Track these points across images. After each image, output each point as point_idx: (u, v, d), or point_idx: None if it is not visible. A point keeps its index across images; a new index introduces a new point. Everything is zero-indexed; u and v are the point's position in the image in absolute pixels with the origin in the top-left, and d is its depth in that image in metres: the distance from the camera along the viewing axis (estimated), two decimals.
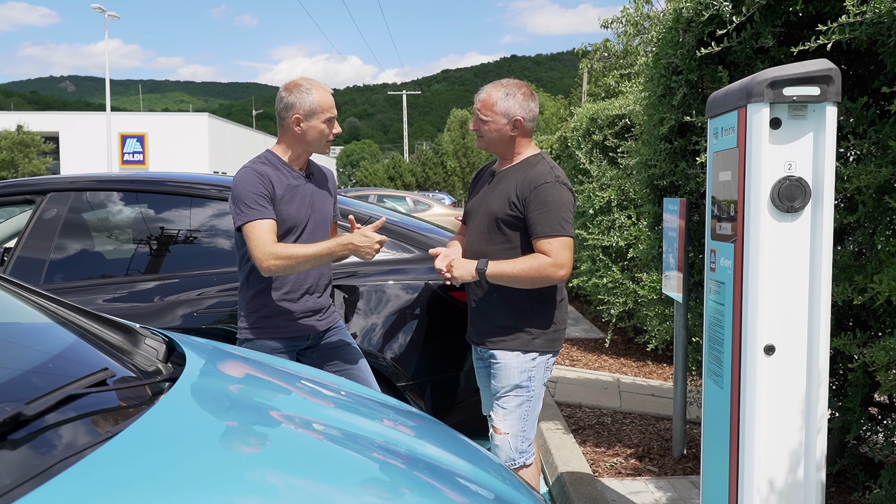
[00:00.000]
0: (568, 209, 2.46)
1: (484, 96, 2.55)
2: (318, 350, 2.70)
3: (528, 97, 2.53)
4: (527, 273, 2.42)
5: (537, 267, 2.41)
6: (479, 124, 2.57)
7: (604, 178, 5.91)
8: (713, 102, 2.24)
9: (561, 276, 2.43)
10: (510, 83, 2.55)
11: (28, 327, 1.61)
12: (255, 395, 1.59)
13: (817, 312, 1.96)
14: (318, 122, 2.54)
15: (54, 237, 3.25)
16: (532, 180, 2.46)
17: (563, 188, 2.46)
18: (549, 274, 2.41)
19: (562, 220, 2.43)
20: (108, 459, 1.04)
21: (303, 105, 2.52)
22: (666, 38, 3.10)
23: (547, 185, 2.44)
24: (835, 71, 1.90)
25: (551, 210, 2.42)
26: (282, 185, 2.53)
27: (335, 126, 2.61)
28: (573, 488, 3.21)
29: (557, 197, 2.44)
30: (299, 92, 2.53)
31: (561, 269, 2.41)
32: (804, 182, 1.94)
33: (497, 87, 2.54)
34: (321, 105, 2.53)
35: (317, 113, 2.53)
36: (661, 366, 5.72)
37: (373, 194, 17.23)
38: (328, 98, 2.57)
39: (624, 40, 13.16)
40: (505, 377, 2.54)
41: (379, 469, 1.37)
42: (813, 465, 1.98)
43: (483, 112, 2.54)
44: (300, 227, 2.57)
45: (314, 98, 2.53)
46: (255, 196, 2.45)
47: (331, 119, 2.58)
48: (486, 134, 2.56)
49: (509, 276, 2.44)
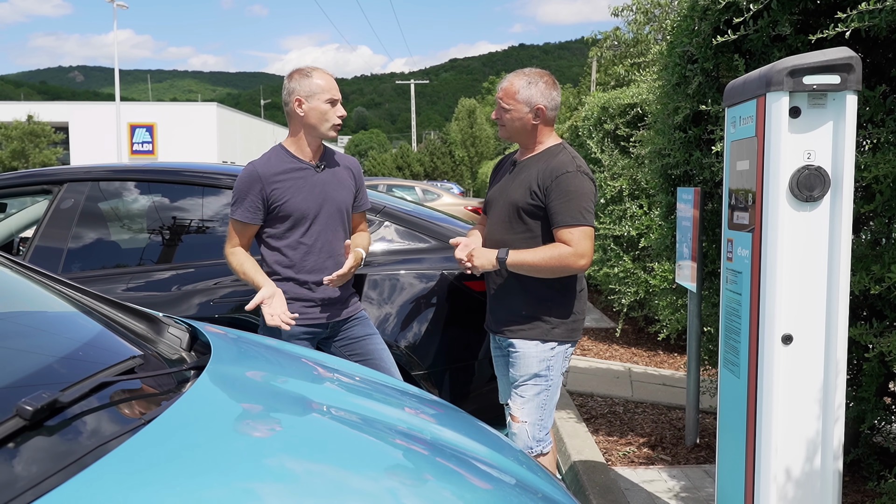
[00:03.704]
0: (589, 199, 2.46)
1: (506, 85, 2.54)
2: (339, 340, 2.72)
3: (550, 86, 2.53)
4: (547, 262, 2.42)
5: (558, 256, 2.41)
6: (500, 113, 2.56)
7: (615, 167, 5.89)
8: (731, 91, 2.23)
9: (581, 266, 2.42)
10: (532, 72, 2.55)
11: (54, 316, 1.63)
12: (278, 382, 1.61)
13: (835, 302, 1.96)
14: (319, 103, 2.56)
15: (71, 227, 3.28)
16: (553, 169, 2.46)
17: (584, 178, 2.46)
18: (570, 263, 2.41)
19: (583, 209, 2.43)
20: (142, 446, 1.06)
21: (303, 87, 2.57)
22: (681, 26, 3.09)
23: (569, 175, 2.44)
24: (855, 59, 1.89)
25: (572, 199, 2.42)
26: (287, 177, 2.58)
27: (339, 108, 2.61)
28: (586, 476, 3.23)
29: (579, 186, 2.43)
30: (300, 76, 2.58)
31: (582, 258, 2.41)
32: (823, 171, 1.93)
33: (519, 76, 2.54)
34: (321, 86, 2.56)
35: (317, 93, 2.56)
36: (672, 355, 5.72)
37: (382, 184, 17.22)
38: (328, 80, 2.58)
39: (634, 28, 13.09)
40: (524, 366, 2.56)
41: (401, 455, 1.38)
42: (830, 455, 1.99)
43: (505, 101, 2.53)
44: (309, 218, 2.59)
45: (314, 79, 2.56)
46: (244, 197, 2.59)
47: (332, 100, 2.58)
48: (507, 123, 2.56)
49: (530, 266, 2.45)
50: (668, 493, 3.09)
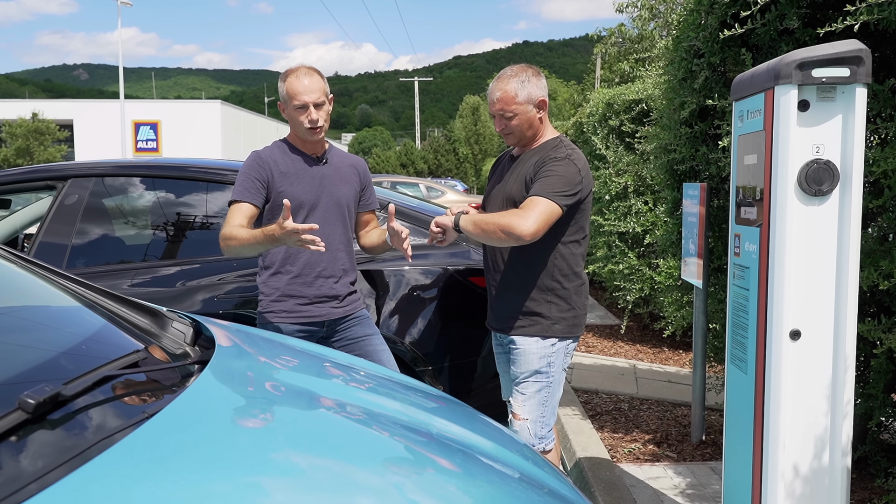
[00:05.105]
0: (565, 182, 2.40)
1: (500, 95, 2.50)
2: (337, 340, 2.68)
3: (538, 75, 2.54)
4: (493, 220, 2.39)
5: (504, 216, 2.38)
6: (504, 123, 2.53)
7: (620, 163, 5.87)
8: (739, 85, 2.21)
9: (522, 231, 2.31)
10: (516, 70, 2.53)
11: (57, 310, 1.62)
12: (282, 376, 1.60)
13: (844, 297, 1.94)
14: (291, 109, 2.56)
15: (76, 223, 3.27)
16: (545, 159, 2.47)
17: (570, 164, 2.44)
18: (513, 225, 2.32)
19: (553, 187, 2.39)
20: (145, 440, 1.05)
21: (280, 91, 2.59)
22: (688, 20, 3.07)
23: (556, 160, 2.44)
24: (865, 52, 1.87)
25: (548, 177, 2.41)
26: (287, 165, 2.58)
27: (310, 112, 2.52)
28: (592, 473, 3.21)
29: (559, 170, 2.42)
30: (281, 80, 2.60)
31: (525, 222, 2.31)
32: (832, 165, 1.91)
33: (509, 81, 2.50)
34: (290, 91, 2.54)
35: (287, 100, 2.57)
36: (677, 352, 5.70)
37: (386, 181, 17.21)
38: (297, 85, 2.52)
39: (639, 24, 13.05)
40: (524, 363, 2.54)
41: (406, 450, 1.38)
42: (839, 451, 1.97)
43: (507, 110, 2.50)
44: (305, 208, 2.58)
45: (285, 85, 2.57)
46: (245, 178, 2.55)
47: (299, 105, 2.52)
48: (515, 130, 2.53)
49: (476, 222, 2.43)
50: (673, 490, 3.08)
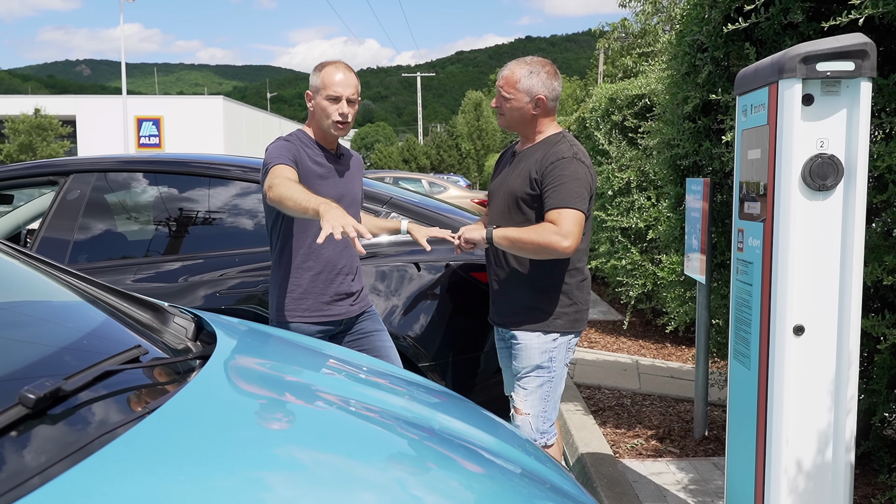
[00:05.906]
0: (581, 185, 2.41)
1: (507, 73, 2.51)
2: (350, 334, 2.69)
3: (551, 76, 2.50)
4: (531, 238, 2.38)
5: (541, 232, 2.36)
6: (500, 101, 2.54)
7: (623, 159, 5.85)
8: (742, 79, 2.20)
9: (564, 248, 2.34)
10: (534, 61, 2.52)
11: (58, 305, 1.62)
12: (284, 372, 1.60)
13: (848, 292, 1.93)
14: (321, 99, 2.53)
15: (78, 218, 3.27)
16: (550, 157, 2.44)
17: (579, 164, 2.43)
18: (553, 242, 2.34)
19: (574, 193, 2.39)
20: (147, 435, 1.05)
21: (313, 81, 2.57)
22: (691, 14, 3.05)
23: (564, 161, 2.42)
24: (870, 45, 1.85)
25: (565, 183, 2.39)
26: (310, 159, 2.54)
27: (341, 105, 2.51)
28: (594, 469, 3.21)
29: (572, 172, 2.40)
30: (315, 70, 2.59)
31: (565, 239, 2.33)
32: (837, 160, 1.90)
33: (521, 65, 2.51)
34: (324, 80, 2.52)
35: (320, 89, 2.54)
36: (679, 348, 5.69)
37: (388, 177, 17.20)
38: (333, 76, 2.52)
39: (642, 19, 13.02)
40: (526, 358, 2.54)
41: (408, 445, 1.37)
42: (842, 447, 1.97)
43: (505, 89, 2.50)
44: None
45: (321, 74, 2.55)
46: (281, 153, 2.43)
47: (332, 97, 2.51)
48: (507, 112, 2.53)
49: (513, 240, 2.43)
50: (676, 485, 3.07)
